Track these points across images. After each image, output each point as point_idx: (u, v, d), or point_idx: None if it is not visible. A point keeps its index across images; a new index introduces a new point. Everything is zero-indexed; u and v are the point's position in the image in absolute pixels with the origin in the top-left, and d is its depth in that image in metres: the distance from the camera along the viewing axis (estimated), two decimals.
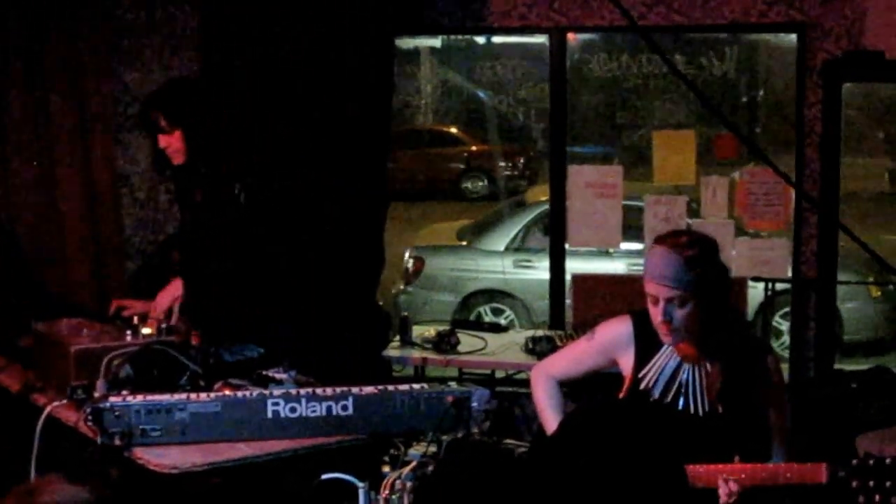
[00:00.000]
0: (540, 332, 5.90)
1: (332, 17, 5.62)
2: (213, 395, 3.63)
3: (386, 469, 3.46)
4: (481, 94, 13.28)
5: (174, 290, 4.34)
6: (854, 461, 3.09)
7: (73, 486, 3.70)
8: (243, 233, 4.35)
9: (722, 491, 3.19)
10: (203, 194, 4.52)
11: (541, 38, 6.83)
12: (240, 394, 3.63)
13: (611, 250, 8.08)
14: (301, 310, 4.55)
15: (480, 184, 15.36)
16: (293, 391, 3.65)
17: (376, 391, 3.66)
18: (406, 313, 6.31)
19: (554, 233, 6.69)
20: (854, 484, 3.07)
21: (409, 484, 3.32)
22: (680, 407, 3.45)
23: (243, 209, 4.35)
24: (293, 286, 4.47)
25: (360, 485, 3.29)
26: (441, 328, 5.99)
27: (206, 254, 4.41)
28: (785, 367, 5.86)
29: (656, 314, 3.38)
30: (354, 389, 3.64)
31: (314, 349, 4.37)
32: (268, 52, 5.60)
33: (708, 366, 3.45)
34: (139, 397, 3.54)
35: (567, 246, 6.66)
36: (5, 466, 4.03)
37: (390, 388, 3.69)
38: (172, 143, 4.42)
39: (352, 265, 5.66)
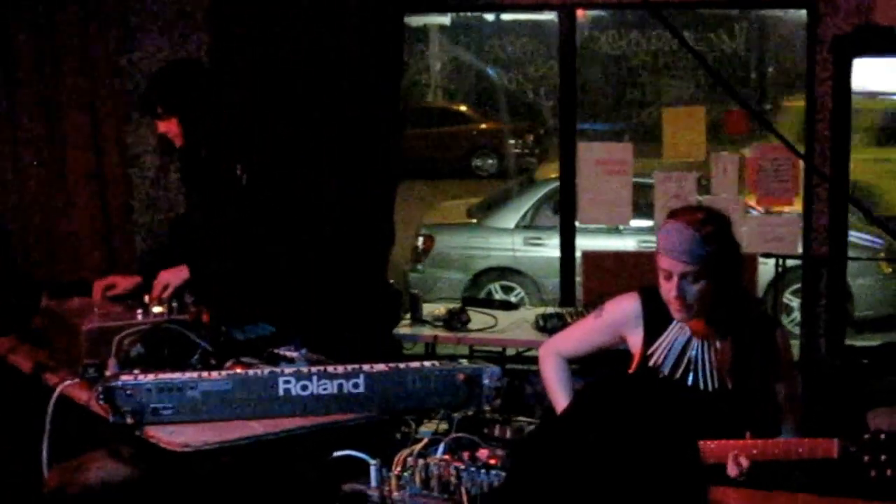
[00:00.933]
0: (550, 310, 5.91)
1: (339, 5, 5.62)
2: (224, 373, 3.63)
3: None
4: (491, 71, 13.26)
5: (179, 273, 4.31)
6: (865, 436, 3.09)
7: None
8: (251, 221, 4.32)
9: (733, 467, 3.20)
10: (205, 176, 4.50)
11: (550, 15, 6.82)
12: (251, 372, 3.63)
13: (621, 227, 8.08)
14: (312, 290, 4.54)
15: (490, 161, 15.33)
16: (304, 369, 3.65)
17: (387, 369, 3.66)
18: (416, 291, 6.31)
19: (564, 210, 6.68)
20: (865, 458, 3.08)
21: (422, 460, 3.33)
22: (689, 383, 3.45)
23: (246, 190, 4.33)
24: (303, 270, 4.45)
25: (372, 462, 3.30)
26: (451, 306, 6.00)
27: (214, 248, 4.38)
28: (796, 343, 5.88)
29: (670, 289, 3.36)
30: (365, 367, 3.64)
31: (325, 328, 4.37)
32: (275, 43, 5.60)
33: (717, 342, 3.45)
34: (151, 376, 3.55)
35: (577, 223, 6.65)
36: (18, 446, 4.06)
37: (401, 365, 3.70)
38: (171, 129, 4.41)
39: (362, 245, 5.67)
